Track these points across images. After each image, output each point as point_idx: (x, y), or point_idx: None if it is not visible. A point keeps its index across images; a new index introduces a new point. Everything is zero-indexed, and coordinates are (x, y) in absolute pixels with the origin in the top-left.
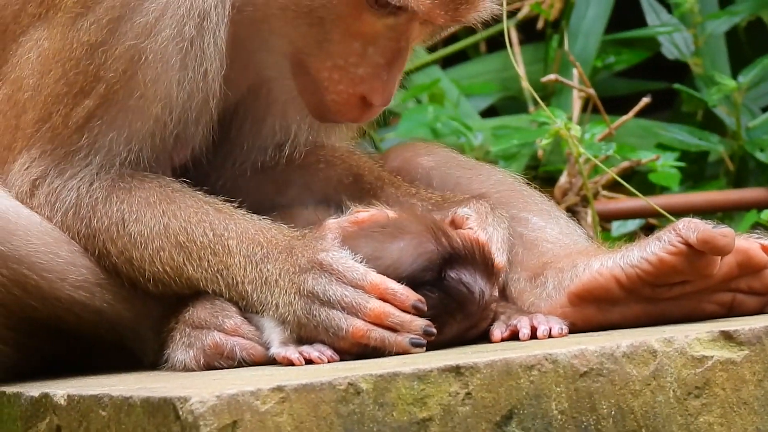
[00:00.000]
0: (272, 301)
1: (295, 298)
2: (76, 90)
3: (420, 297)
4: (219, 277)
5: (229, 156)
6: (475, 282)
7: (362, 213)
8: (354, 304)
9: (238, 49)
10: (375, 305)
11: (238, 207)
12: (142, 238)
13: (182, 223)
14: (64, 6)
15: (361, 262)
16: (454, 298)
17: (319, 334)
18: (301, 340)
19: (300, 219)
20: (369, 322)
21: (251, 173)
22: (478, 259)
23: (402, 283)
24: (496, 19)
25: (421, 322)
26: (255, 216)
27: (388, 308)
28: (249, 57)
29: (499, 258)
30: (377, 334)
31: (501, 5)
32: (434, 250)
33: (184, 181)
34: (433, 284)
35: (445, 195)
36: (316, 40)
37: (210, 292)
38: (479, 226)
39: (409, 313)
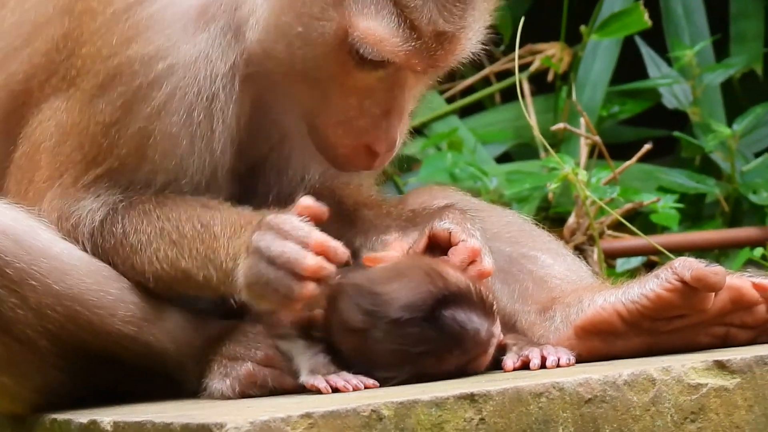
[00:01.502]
0: (238, 271)
1: (245, 258)
2: (89, 159)
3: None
4: (208, 261)
5: (255, 203)
6: (470, 321)
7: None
8: (292, 259)
9: (256, 115)
10: (312, 261)
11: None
12: (141, 244)
13: (174, 223)
14: (83, 87)
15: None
16: (449, 335)
17: (268, 293)
18: (257, 299)
19: None
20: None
21: None
22: (475, 299)
23: (399, 320)
24: (510, 73)
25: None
26: (240, 207)
27: (323, 262)
28: (267, 120)
29: (488, 262)
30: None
31: (513, 59)
32: (430, 290)
33: None
34: (429, 322)
35: (415, 210)
36: (318, 99)
37: (201, 279)
38: (467, 236)
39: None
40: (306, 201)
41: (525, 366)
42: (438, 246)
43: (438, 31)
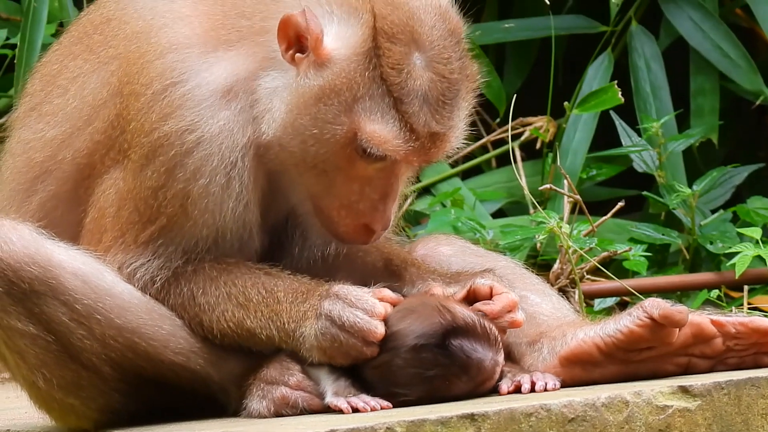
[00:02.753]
0: (303, 332)
1: (314, 322)
2: (144, 219)
3: None
4: (270, 323)
5: (285, 259)
6: (475, 351)
7: (386, 291)
8: (365, 328)
9: (273, 187)
10: (381, 329)
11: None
12: (209, 305)
13: (240, 288)
14: (133, 158)
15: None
16: (457, 363)
17: (339, 354)
18: (326, 357)
19: None
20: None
21: (305, 268)
22: (480, 331)
23: (415, 346)
24: (504, 141)
25: None
26: (298, 275)
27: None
28: (282, 193)
29: (520, 316)
30: None
31: (507, 130)
32: (440, 322)
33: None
34: (440, 348)
35: (458, 272)
36: (324, 186)
37: (264, 338)
38: (506, 289)
39: None
40: (383, 292)
41: (517, 390)
42: (474, 300)
43: (432, 132)
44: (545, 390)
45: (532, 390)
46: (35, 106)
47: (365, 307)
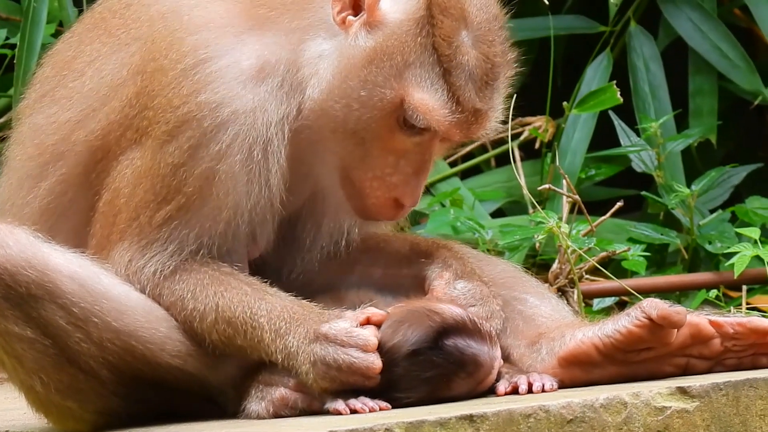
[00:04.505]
0: (297, 369)
1: (311, 368)
2: (160, 199)
3: None
4: (258, 348)
5: (297, 252)
6: (469, 347)
7: (371, 310)
8: (363, 367)
9: (298, 165)
10: (378, 363)
11: (269, 284)
12: (199, 313)
13: (228, 302)
14: (155, 134)
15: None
16: (454, 362)
17: (339, 386)
18: (326, 388)
19: (347, 300)
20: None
21: (318, 264)
22: (471, 327)
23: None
24: (503, 141)
25: None
26: (283, 294)
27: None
28: (308, 170)
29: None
30: None
31: (506, 130)
32: (430, 325)
33: (237, 266)
34: (434, 350)
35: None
36: (360, 156)
37: (256, 357)
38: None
39: None
40: (369, 315)
41: (515, 391)
42: None
43: (475, 108)
44: (542, 391)
45: (530, 391)
46: (48, 92)
47: (358, 344)
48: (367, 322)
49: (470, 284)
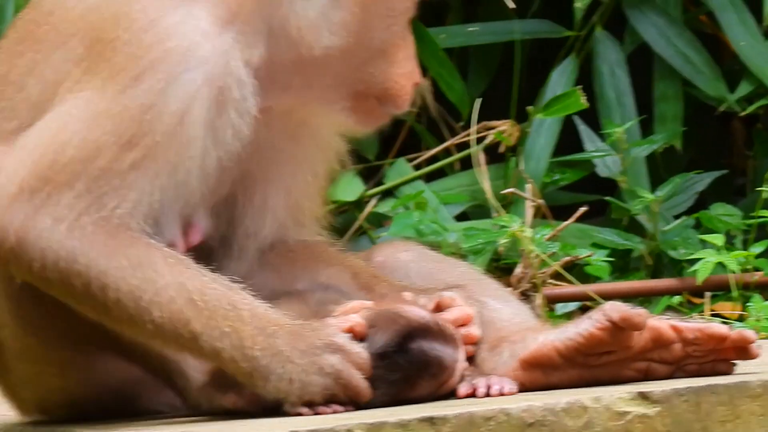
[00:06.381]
0: (284, 374)
1: (315, 378)
2: (124, 141)
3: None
4: (226, 337)
5: (234, 248)
6: (433, 349)
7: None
8: (361, 389)
9: (258, 126)
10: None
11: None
12: (157, 285)
13: (199, 286)
14: (118, 80)
15: None
16: (418, 364)
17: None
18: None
19: (313, 299)
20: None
21: (257, 269)
22: (435, 329)
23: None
24: (467, 145)
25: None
26: (259, 300)
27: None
28: (263, 134)
29: (475, 330)
30: None
31: (471, 133)
32: (396, 329)
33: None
34: (400, 354)
35: (428, 287)
36: (382, 65)
37: (207, 348)
38: (465, 305)
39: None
40: (354, 319)
41: (474, 393)
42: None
43: None
44: (501, 394)
45: (488, 394)
46: None
47: (361, 365)
48: (350, 330)
49: None
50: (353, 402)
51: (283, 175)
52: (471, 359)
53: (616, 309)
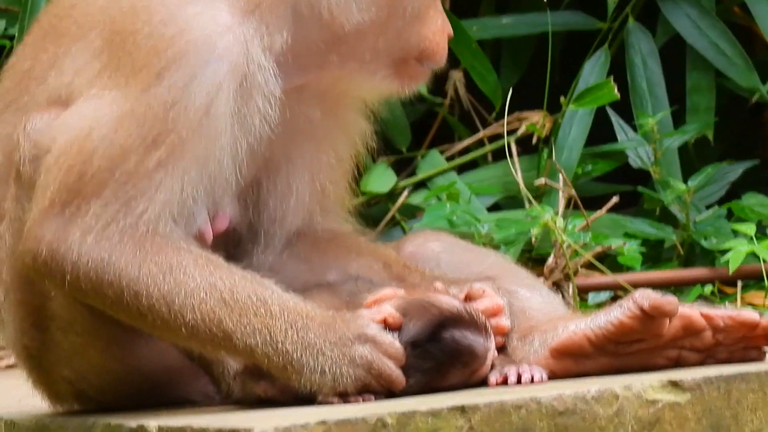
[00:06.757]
0: (316, 366)
1: (347, 369)
2: (149, 142)
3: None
4: (258, 333)
5: (261, 236)
6: (465, 338)
7: (387, 310)
8: (396, 379)
9: (285, 112)
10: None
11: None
12: (188, 288)
13: (228, 285)
14: (139, 78)
15: None
16: (450, 353)
17: (349, 392)
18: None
19: (344, 290)
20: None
21: (287, 260)
22: (467, 318)
23: (411, 344)
24: (500, 136)
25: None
26: (291, 293)
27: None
28: (291, 121)
29: (505, 321)
30: None
31: (503, 125)
32: (429, 319)
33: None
34: (432, 343)
35: (459, 278)
36: (415, 27)
37: (241, 345)
38: (495, 294)
39: None
40: (387, 309)
41: (505, 382)
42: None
43: None
44: (531, 382)
45: (519, 382)
46: (11, 103)
47: (396, 356)
48: (383, 322)
49: None
50: (386, 391)
51: (306, 159)
52: (501, 349)
53: (646, 297)
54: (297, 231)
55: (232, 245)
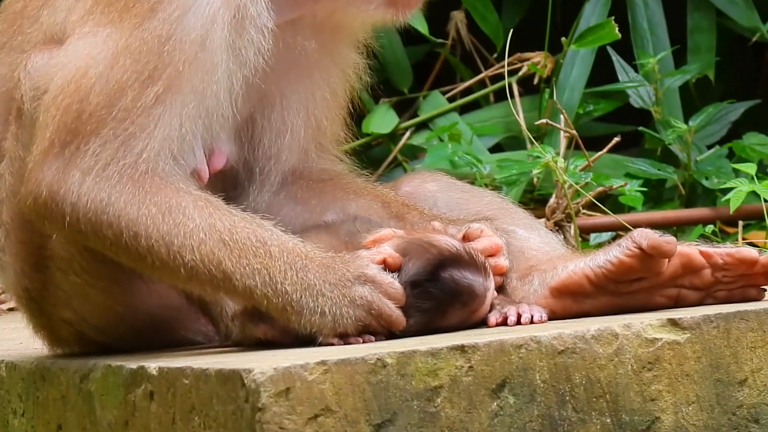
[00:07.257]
0: (316, 307)
1: (347, 310)
2: (145, 77)
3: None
4: (257, 274)
5: (257, 174)
6: (464, 277)
7: (387, 251)
8: (395, 319)
9: (277, 49)
10: (404, 319)
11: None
12: (187, 228)
13: (227, 226)
14: (132, 13)
15: None
16: (449, 292)
17: (348, 333)
18: (332, 332)
19: (343, 231)
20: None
21: (285, 202)
22: (466, 258)
23: (410, 283)
24: (502, 77)
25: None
26: (289, 234)
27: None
28: (286, 56)
29: (504, 261)
30: None
31: (505, 65)
32: (427, 258)
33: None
34: (432, 283)
35: (456, 218)
36: None
37: (240, 286)
38: (493, 234)
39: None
40: (387, 250)
41: (505, 322)
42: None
43: None
44: (531, 322)
45: (518, 322)
46: (5, 44)
47: (396, 297)
48: (383, 262)
49: None
50: (387, 332)
51: (301, 94)
52: (501, 289)
53: (645, 236)
54: (293, 171)
55: (231, 186)
